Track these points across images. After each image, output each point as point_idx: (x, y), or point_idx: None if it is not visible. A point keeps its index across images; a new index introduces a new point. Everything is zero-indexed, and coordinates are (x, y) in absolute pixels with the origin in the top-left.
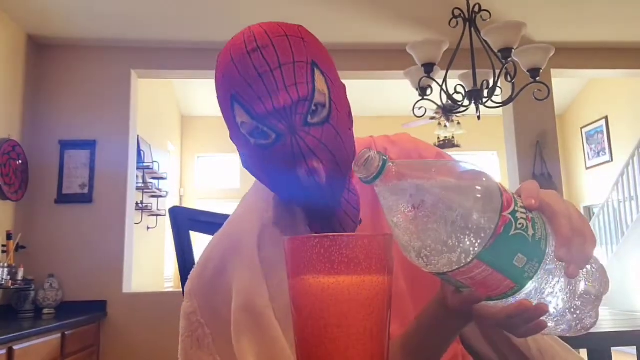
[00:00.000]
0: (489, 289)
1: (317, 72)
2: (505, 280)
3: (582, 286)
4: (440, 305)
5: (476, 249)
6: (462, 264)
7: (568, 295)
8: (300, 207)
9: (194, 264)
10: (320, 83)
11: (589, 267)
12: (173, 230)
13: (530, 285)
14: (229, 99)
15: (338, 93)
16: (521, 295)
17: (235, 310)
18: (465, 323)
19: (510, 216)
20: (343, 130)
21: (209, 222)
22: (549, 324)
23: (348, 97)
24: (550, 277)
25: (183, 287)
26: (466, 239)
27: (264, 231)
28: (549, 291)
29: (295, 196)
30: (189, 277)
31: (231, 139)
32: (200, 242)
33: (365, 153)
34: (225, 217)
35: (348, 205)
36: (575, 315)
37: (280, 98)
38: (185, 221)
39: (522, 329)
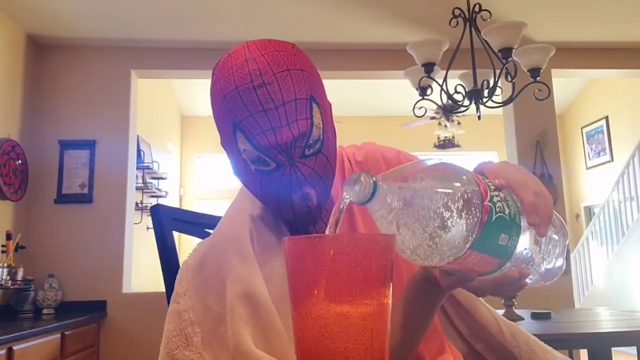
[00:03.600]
0: (479, 268)
1: (314, 107)
2: (494, 260)
3: (549, 238)
4: (422, 279)
5: (468, 241)
6: (457, 257)
7: (540, 250)
8: (286, 219)
9: (177, 264)
10: (316, 117)
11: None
12: (155, 230)
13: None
14: (231, 124)
15: (328, 118)
16: (506, 266)
17: (232, 298)
18: (446, 294)
19: (490, 203)
20: (332, 154)
21: (194, 222)
22: (528, 281)
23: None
24: (525, 241)
25: (166, 288)
26: (458, 235)
27: (253, 226)
28: (525, 253)
29: (286, 213)
30: (181, 278)
31: (222, 145)
32: (186, 242)
33: (355, 176)
34: (210, 217)
35: (325, 212)
36: (547, 266)
37: (283, 134)
38: (169, 221)
39: (507, 291)
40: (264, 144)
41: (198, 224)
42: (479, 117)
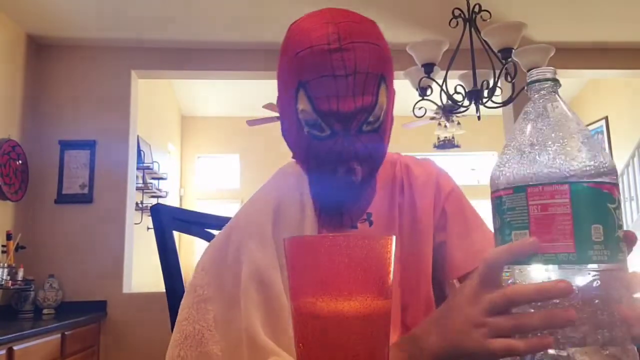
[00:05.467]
0: (547, 235)
1: (382, 86)
2: (570, 238)
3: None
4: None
5: (576, 174)
6: (555, 181)
7: (598, 334)
8: (323, 196)
9: (177, 265)
10: (382, 97)
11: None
12: (156, 230)
13: (581, 279)
14: (296, 82)
15: (392, 103)
16: (572, 272)
17: (247, 281)
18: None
19: (617, 197)
20: (386, 138)
21: (194, 222)
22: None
23: None
24: (591, 307)
25: (166, 288)
26: (577, 160)
27: (278, 212)
28: (588, 295)
29: (326, 186)
30: (202, 258)
31: (277, 102)
32: (186, 242)
33: (552, 68)
34: (210, 217)
35: (363, 200)
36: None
37: (346, 103)
38: (170, 220)
39: (540, 321)
40: (324, 108)
41: (199, 223)
42: (479, 118)
